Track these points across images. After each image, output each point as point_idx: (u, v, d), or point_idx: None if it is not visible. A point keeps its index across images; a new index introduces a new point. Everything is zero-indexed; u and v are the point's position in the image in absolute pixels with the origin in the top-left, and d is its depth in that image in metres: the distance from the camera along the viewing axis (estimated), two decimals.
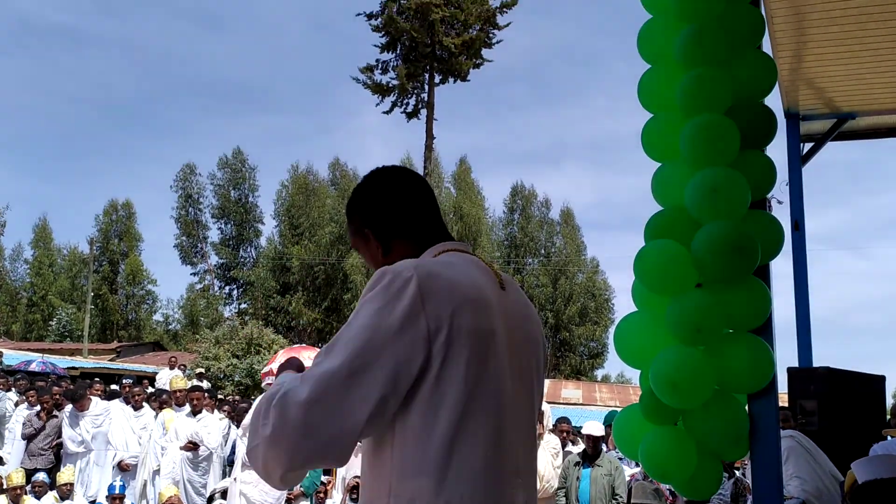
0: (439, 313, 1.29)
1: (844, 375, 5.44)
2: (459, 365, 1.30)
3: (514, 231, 42.24)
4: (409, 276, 1.30)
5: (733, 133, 2.74)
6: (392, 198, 1.54)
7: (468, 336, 1.32)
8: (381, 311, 1.28)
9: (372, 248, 1.55)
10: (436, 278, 1.32)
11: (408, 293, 1.28)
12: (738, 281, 2.68)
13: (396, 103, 25.09)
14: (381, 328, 1.26)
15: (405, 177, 1.59)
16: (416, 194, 1.57)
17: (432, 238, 1.54)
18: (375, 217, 1.54)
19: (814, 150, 6.32)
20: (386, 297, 1.29)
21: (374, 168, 1.62)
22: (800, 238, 6.02)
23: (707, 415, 2.68)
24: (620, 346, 2.95)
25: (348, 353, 1.25)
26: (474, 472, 1.30)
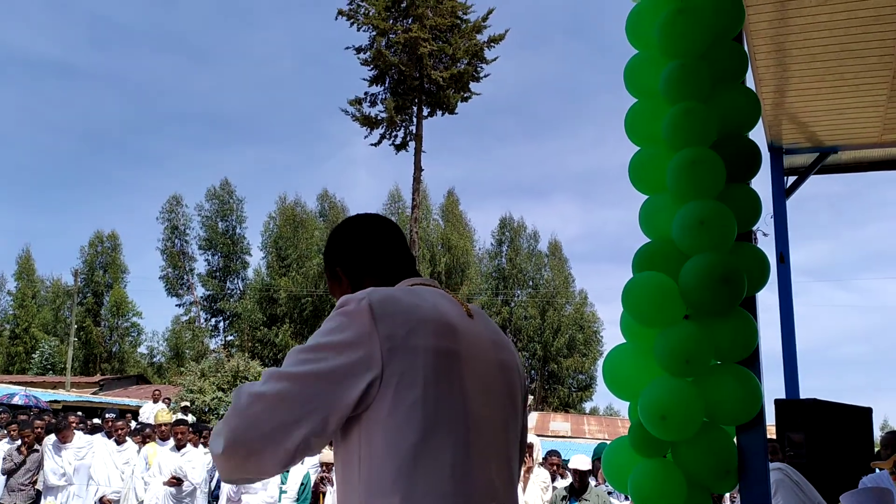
0: (393, 332, 1.32)
1: (831, 407, 5.45)
2: (417, 383, 1.32)
3: (503, 263, 42.33)
4: (362, 297, 1.36)
5: (719, 166, 2.77)
6: (361, 237, 1.62)
7: (426, 355, 1.34)
8: (335, 329, 1.34)
9: (343, 287, 1.60)
10: (391, 300, 1.37)
11: (360, 313, 1.33)
12: (725, 313, 2.70)
13: (385, 135, 25.21)
14: (332, 345, 1.32)
15: (374, 220, 1.67)
16: (384, 235, 1.64)
17: (401, 275, 1.59)
18: (345, 255, 1.61)
19: (797, 183, 6.40)
20: (340, 318, 1.34)
21: (345, 219, 1.72)
22: (785, 270, 6.07)
23: (696, 447, 2.68)
24: (609, 377, 2.95)
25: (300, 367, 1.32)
26: (443, 492, 1.30)
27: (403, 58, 24.35)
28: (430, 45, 24.11)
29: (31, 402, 15.78)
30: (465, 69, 24.64)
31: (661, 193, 3.00)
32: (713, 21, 2.93)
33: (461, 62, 24.79)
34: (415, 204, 25.58)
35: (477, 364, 1.42)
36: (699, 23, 2.90)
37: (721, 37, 2.97)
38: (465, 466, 1.33)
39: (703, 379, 2.70)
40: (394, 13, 24.94)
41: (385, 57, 24.43)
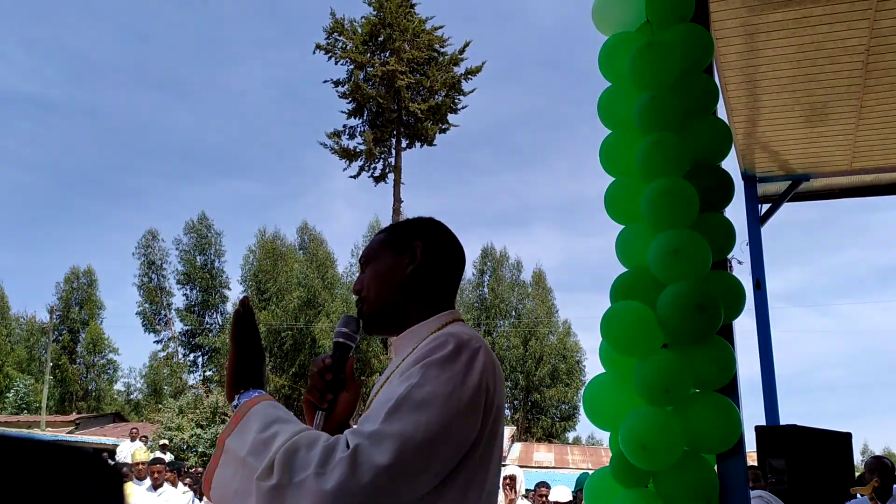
0: (494, 389, 1.30)
1: (811, 433, 5.47)
2: (493, 447, 1.32)
3: (485, 293, 42.31)
4: (478, 347, 1.29)
5: (692, 196, 2.81)
6: (451, 245, 1.55)
7: (500, 414, 1.33)
8: (454, 379, 1.23)
9: (401, 261, 1.48)
10: (490, 355, 1.32)
11: (477, 366, 1.27)
12: (702, 341, 2.71)
13: (364, 168, 25.31)
14: (454, 398, 1.22)
15: (460, 245, 1.61)
16: (461, 262, 1.59)
17: (448, 301, 1.52)
18: (433, 243, 1.51)
19: (771, 210, 6.50)
20: (458, 366, 1.25)
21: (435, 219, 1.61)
22: (762, 297, 6.13)
23: (677, 476, 2.67)
24: (590, 408, 2.94)
25: (423, 419, 1.18)
26: None
27: (381, 90, 24.56)
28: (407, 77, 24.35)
29: None
30: (442, 101, 24.88)
31: (636, 223, 3.03)
32: (683, 54, 2.99)
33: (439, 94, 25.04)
34: None
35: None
36: (669, 56, 2.96)
37: (691, 69, 3.03)
38: None
39: (683, 408, 2.71)
40: (371, 47, 25.19)
41: (363, 90, 24.61)
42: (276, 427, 1.19)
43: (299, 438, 1.16)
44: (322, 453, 1.12)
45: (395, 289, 1.47)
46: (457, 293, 1.57)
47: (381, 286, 1.48)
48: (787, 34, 4.52)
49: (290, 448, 1.14)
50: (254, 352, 1.37)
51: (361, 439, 1.14)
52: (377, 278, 1.49)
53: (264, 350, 1.41)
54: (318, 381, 1.43)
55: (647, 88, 2.99)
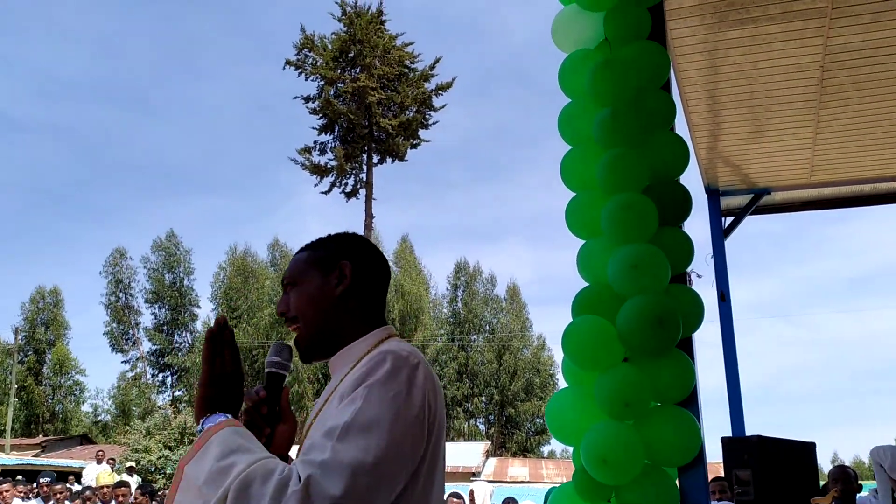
0: (436, 404, 1.29)
1: (776, 444, 5.53)
2: (437, 461, 1.31)
3: (459, 308, 42.31)
4: (416, 363, 1.28)
5: (651, 210, 2.84)
6: (377, 260, 1.52)
7: (441, 429, 1.33)
8: (397, 398, 1.22)
9: (329, 282, 1.44)
10: (429, 370, 1.31)
11: (419, 382, 1.25)
12: (662, 354, 2.74)
13: (335, 183, 25.24)
14: (400, 419, 1.21)
15: (385, 259, 1.58)
16: (388, 276, 1.56)
17: (380, 318, 1.50)
18: (360, 260, 1.48)
19: (734, 223, 6.59)
20: (399, 384, 1.23)
21: (357, 233, 1.59)
22: (726, 308, 6.21)
23: (638, 490, 2.68)
24: (552, 423, 2.95)
25: (372, 444, 1.16)
26: None
27: (352, 106, 24.58)
28: (378, 93, 24.40)
29: None
30: (413, 117, 24.96)
31: (597, 238, 3.06)
32: (640, 71, 3.04)
33: (410, 110, 25.12)
34: None
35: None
36: (626, 73, 3.00)
37: (649, 86, 3.07)
38: None
39: (644, 421, 2.73)
40: (342, 63, 25.22)
41: (334, 106, 24.61)
42: (234, 457, 1.15)
43: (254, 470, 1.12)
44: (275, 486, 1.09)
45: (326, 311, 1.43)
46: (385, 307, 1.55)
47: (313, 310, 1.44)
48: (744, 51, 4.61)
49: (245, 480, 1.11)
50: (225, 374, 1.33)
51: (312, 470, 1.12)
52: (307, 301, 1.45)
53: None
54: (254, 416, 1.39)
55: (605, 105, 3.03)
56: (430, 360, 39.17)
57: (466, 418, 40.68)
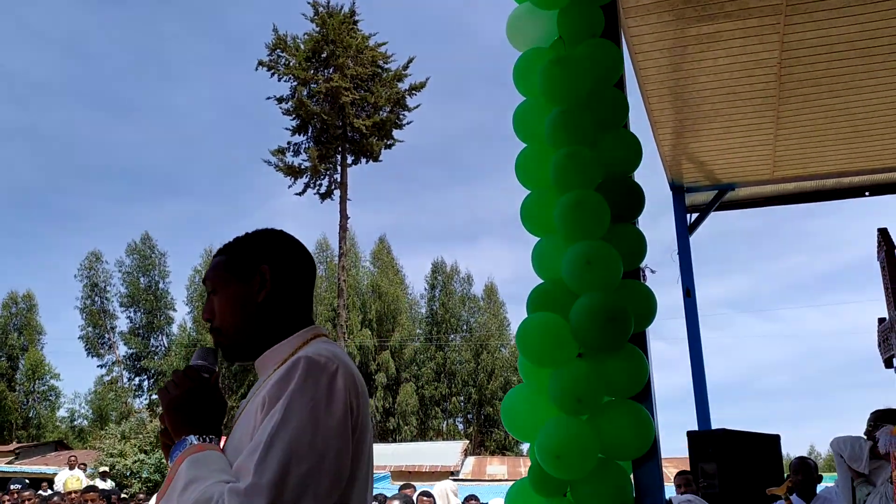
0: (358, 407, 1.28)
1: (740, 436, 5.60)
2: (363, 461, 1.30)
3: (436, 307, 42.30)
4: (335, 368, 1.25)
5: (603, 207, 2.86)
6: (298, 257, 1.48)
7: (364, 433, 1.31)
8: (317, 407, 1.20)
9: (250, 289, 1.42)
10: (350, 372, 1.29)
11: (338, 387, 1.24)
12: (615, 350, 2.76)
13: (309, 184, 25.16)
14: (322, 428, 1.19)
15: (308, 252, 1.54)
16: (312, 270, 1.52)
17: (306, 317, 1.48)
18: (279, 262, 1.44)
19: (699, 220, 6.66)
20: (318, 392, 1.22)
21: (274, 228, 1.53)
22: (692, 304, 6.27)
23: (593, 484, 2.70)
24: (508, 419, 2.96)
25: (295, 459, 1.16)
26: None
27: (325, 107, 24.49)
28: (351, 94, 24.34)
29: None
30: (387, 117, 24.93)
31: (551, 235, 3.07)
32: (592, 69, 3.06)
33: (383, 110, 25.09)
34: (342, 252, 25.46)
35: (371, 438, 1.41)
36: (578, 71, 3.01)
37: (601, 84, 3.09)
38: None
39: (597, 416, 2.75)
40: (314, 63, 25.11)
41: (307, 106, 24.51)
42: (190, 488, 1.17)
43: (196, 500, 1.15)
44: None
45: (248, 318, 1.41)
46: (313, 304, 1.53)
47: (234, 317, 1.42)
48: (703, 48, 4.65)
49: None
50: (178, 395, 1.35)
51: (240, 498, 1.12)
52: (228, 309, 1.43)
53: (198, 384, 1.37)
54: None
55: (558, 103, 3.05)
56: (408, 360, 39.14)
57: (445, 418, 40.70)
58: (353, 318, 36.90)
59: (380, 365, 38.43)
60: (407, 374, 39.17)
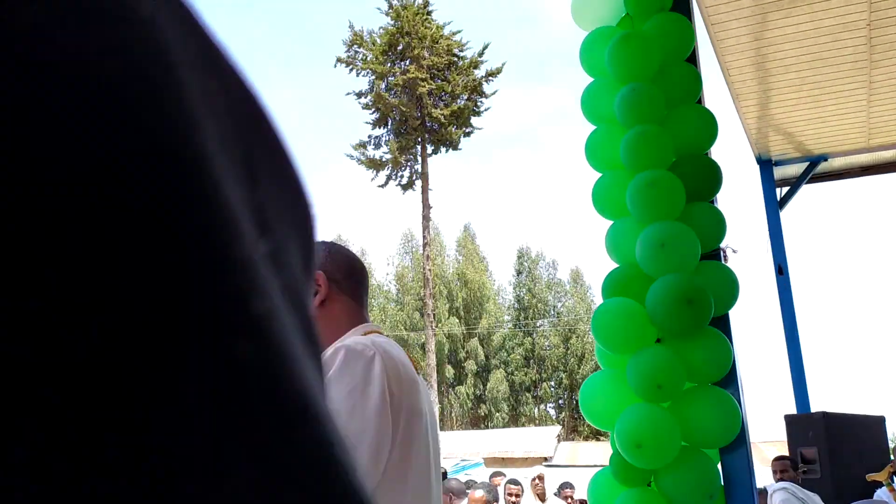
0: (400, 393, 1.29)
1: (842, 419, 5.34)
2: (412, 447, 1.31)
3: (522, 294, 42.17)
4: (372, 354, 1.28)
5: (677, 187, 2.77)
6: (348, 263, 1.57)
7: (415, 417, 1.33)
8: (354, 392, 1.24)
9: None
10: (391, 358, 1.32)
11: (376, 373, 1.26)
12: (694, 334, 2.67)
13: (391, 177, 25.38)
14: (357, 412, 1.22)
15: (356, 258, 1.63)
16: (362, 274, 1.60)
17: (360, 315, 1.54)
18: (331, 268, 1.53)
19: (790, 193, 6.36)
20: (354, 378, 1.25)
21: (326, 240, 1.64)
22: (785, 282, 6.00)
23: (677, 473, 2.63)
24: (586, 408, 2.91)
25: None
26: None
27: (403, 99, 24.64)
28: (428, 84, 24.40)
29: None
30: (464, 105, 24.86)
31: (624, 218, 2.99)
32: (662, 44, 2.96)
33: (461, 98, 25.04)
34: (426, 242, 25.61)
35: (430, 422, 1.42)
36: (647, 47, 2.92)
37: (671, 59, 2.99)
38: None
39: (679, 403, 2.67)
40: (391, 56, 25.30)
41: (385, 99, 24.72)
42: None
43: None
44: None
45: None
46: (366, 305, 1.59)
47: None
48: (784, 14, 4.43)
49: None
50: None
51: None
52: None
53: None
54: None
55: (627, 81, 2.96)
56: (497, 347, 39.18)
57: (536, 404, 40.59)
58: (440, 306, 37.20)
59: (469, 352, 38.65)
60: (496, 360, 39.25)
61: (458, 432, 31.65)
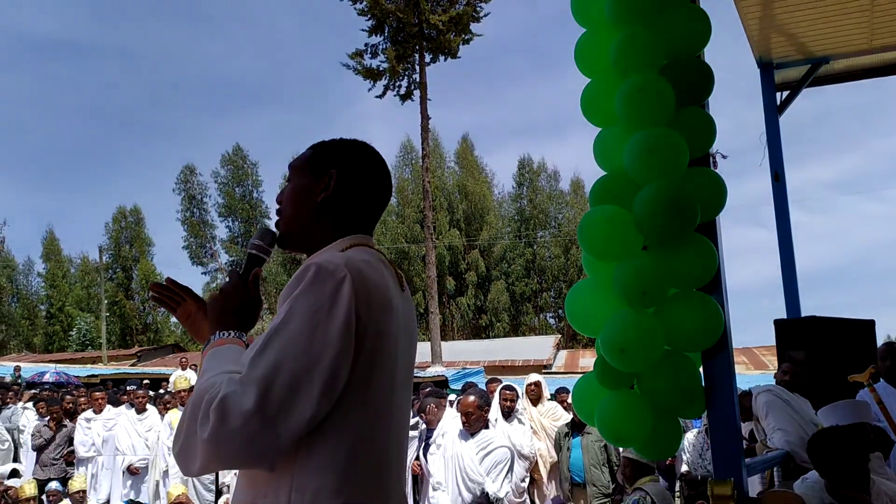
0: (368, 317, 1.29)
1: (832, 323, 5.41)
2: (374, 369, 1.31)
3: (524, 205, 42.09)
4: (343, 275, 1.27)
5: (666, 91, 2.70)
6: (371, 172, 1.54)
7: (382, 340, 1.33)
8: (319, 312, 1.24)
9: (316, 186, 1.49)
10: (364, 280, 1.30)
11: (344, 296, 1.25)
12: (680, 240, 2.66)
13: (389, 86, 24.87)
14: (320, 331, 1.23)
15: (385, 169, 1.60)
16: (384, 188, 1.57)
17: (359, 226, 1.52)
18: (348, 170, 1.50)
19: (790, 97, 6.24)
20: (321, 297, 1.25)
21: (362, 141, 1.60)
22: (780, 189, 5.97)
23: (659, 376, 2.68)
24: (572, 314, 2.94)
25: (290, 358, 1.21)
26: (372, 470, 1.32)
27: (400, 4, 23.89)
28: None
29: (62, 379, 16.18)
30: (463, 10, 24.12)
31: (613, 125, 2.94)
32: None
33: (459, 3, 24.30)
34: (425, 153, 25.37)
35: (403, 344, 1.42)
36: None
37: None
38: (390, 446, 1.37)
39: (663, 308, 2.69)
40: None
41: (381, 5, 24.00)
42: (203, 376, 1.28)
43: (208, 386, 1.24)
44: (206, 404, 1.20)
45: (305, 212, 1.49)
46: (377, 218, 1.57)
47: (295, 207, 1.51)
48: None
49: (199, 393, 1.24)
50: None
51: (234, 387, 1.20)
52: (292, 198, 1.52)
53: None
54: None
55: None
56: (498, 258, 39.41)
57: (536, 313, 41.20)
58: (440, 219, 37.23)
59: (469, 264, 38.94)
60: (497, 272, 39.57)
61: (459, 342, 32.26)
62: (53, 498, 7.23)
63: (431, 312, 24.38)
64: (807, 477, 3.02)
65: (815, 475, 2.93)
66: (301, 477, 1.25)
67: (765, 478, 4.31)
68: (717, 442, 2.71)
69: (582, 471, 5.68)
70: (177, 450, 1.25)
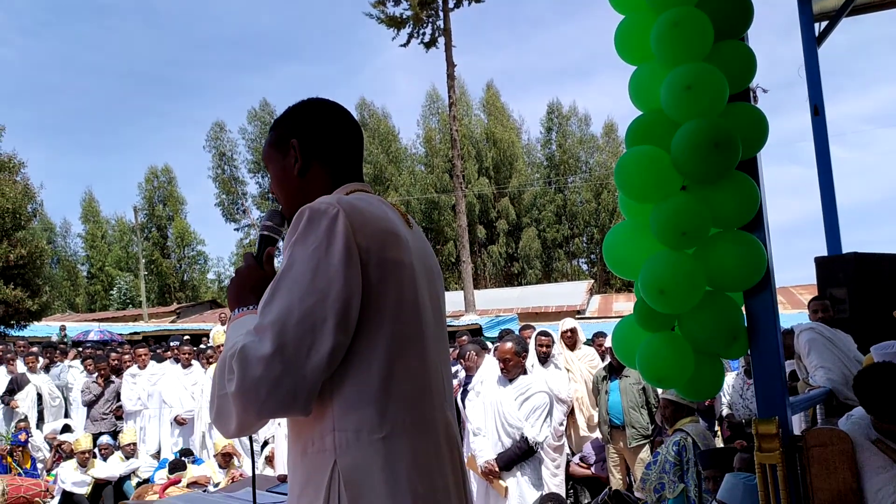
0: (368, 246, 1.30)
1: (873, 259, 5.31)
2: (389, 296, 1.32)
3: (553, 151, 41.56)
4: (335, 211, 1.29)
5: (704, 25, 2.62)
6: (328, 122, 1.54)
7: (392, 267, 1.33)
8: (318, 250, 1.26)
9: (288, 163, 1.51)
10: (358, 211, 1.32)
11: (339, 228, 1.27)
12: (720, 179, 2.61)
13: (412, 34, 24.48)
14: (322, 267, 1.25)
15: (345, 114, 1.58)
16: (349, 130, 1.56)
17: (349, 176, 1.53)
18: (307, 132, 1.51)
19: (829, 28, 6.01)
20: (318, 236, 1.27)
21: (312, 97, 1.59)
22: (820, 123, 5.81)
23: (700, 317, 2.65)
24: (610, 257, 2.92)
25: (297, 298, 1.23)
26: (411, 398, 1.33)
27: None
28: None
29: (106, 337, 16.61)
30: None
31: (648, 62, 2.86)
32: None
33: None
34: (451, 101, 25.05)
35: (422, 273, 1.43)
36: None
37: None
38: (426, 373, 1.38)
39: (704, 248, 2.65)
40: None
41: None
42: (227, 344, 1.32)
43: (222, 357, 1.28)
44: (228, 360, 1.24)
45: (293, 190, 1.51)
46: (359, 161, 1.58)
47: (283, 191, 1.53)
48: None
49: (217, 367, 1.29)
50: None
51: (250, 337, 1.23)
52: (277, 184, 1.54)
53: None
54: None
55: None
56: (528, 205, 39.15)
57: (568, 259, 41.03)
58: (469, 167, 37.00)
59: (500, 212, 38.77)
60: (528, 218, 39.37)
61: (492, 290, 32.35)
62: (105, 451, 7.49)
63: (463, 261, 24.40)
64: (852, 414, 3.00)
65: (860, 411, 2.91)
66: (340, 416, 1.27)
67: (808, 416, 4.30)
68: (760, 381, 2.69)
69: (621, 413, 5.71)
70: (213, 415, 1.29)
